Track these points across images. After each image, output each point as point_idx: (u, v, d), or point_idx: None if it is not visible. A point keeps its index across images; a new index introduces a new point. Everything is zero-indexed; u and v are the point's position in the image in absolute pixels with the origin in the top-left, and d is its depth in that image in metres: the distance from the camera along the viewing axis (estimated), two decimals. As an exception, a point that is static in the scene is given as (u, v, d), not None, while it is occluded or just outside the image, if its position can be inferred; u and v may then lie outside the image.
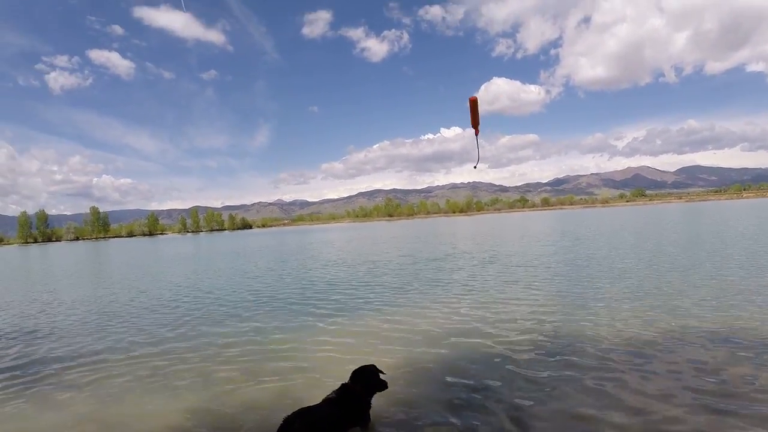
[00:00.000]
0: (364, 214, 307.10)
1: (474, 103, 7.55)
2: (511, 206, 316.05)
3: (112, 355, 11.16)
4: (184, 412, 7.52)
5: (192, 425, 7.04)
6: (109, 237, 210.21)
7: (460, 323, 11.89)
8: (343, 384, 6.44)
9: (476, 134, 8.03)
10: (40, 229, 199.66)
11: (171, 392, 8.47)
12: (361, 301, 16.10)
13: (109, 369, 10.10)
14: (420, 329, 11.51)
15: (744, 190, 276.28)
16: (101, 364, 10.46)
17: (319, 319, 13.52)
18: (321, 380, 8.20)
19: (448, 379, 8.12)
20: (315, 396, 6.97)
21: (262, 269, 30.14)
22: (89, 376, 9.69)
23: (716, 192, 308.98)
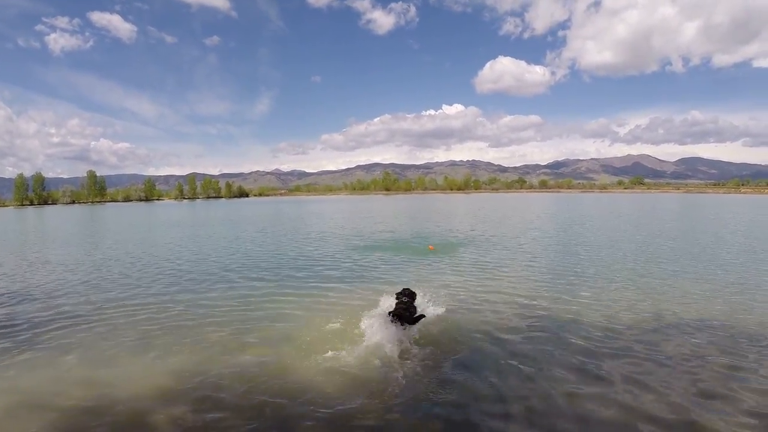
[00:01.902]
0: (362, 188, 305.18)
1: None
2: (509, 186, 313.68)
3: (100, 318, 11.42)
4: (170, 374, 7.77)
5: (179, 388, 7.26)
6: (106, 201, 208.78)
7: (435, 299, 11.90)
8: (401, 300, 9.54)
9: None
10: (36, 192, 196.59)
11: (158, 355, 8.73)
12: (340, 274, 16.55)
13: (97, 331, 10.36)
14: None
15: (743, 185, 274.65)
16: (89, 326, 10.72)
17: (303, 289, 13.98)
18: (305, 349, 8.56)
19: (430, 351, 8.56)
20: (300, 365, 7.85)
21: (254, 238, 30.58)
22: (77, 338, 9.94)
23: (715, 185, 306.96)
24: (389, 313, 9.00)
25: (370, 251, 22.15)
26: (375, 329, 8.93)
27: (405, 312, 9.02)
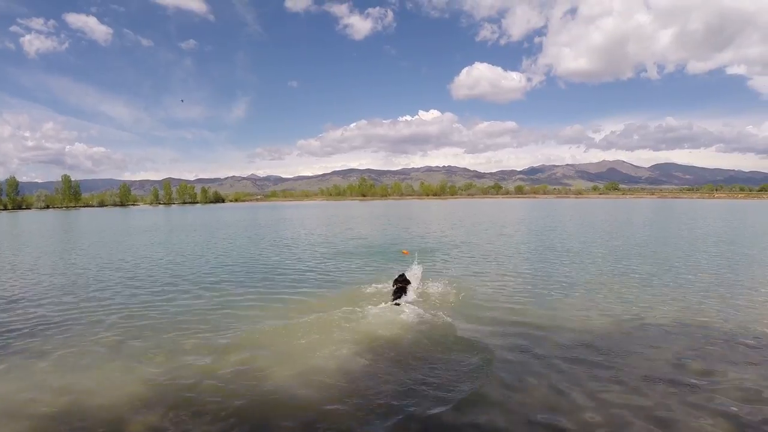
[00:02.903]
0: (338, 193, 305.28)
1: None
2: (485, 192, 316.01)
3: (74, 326, 11.23)
4: (146, 381, 7.68)
5: (154, 394, 7.17)
6: (80, 206, 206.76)
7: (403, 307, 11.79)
8: (401, 283, 12.69)
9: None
10: (10, 196, 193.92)
11: (133, 362, 8.65)
12: (315, 279, 16.55)
13: (71, 338, 10.25)
14: (363, 313, 11.35)
15: (716, 190, 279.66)
16: (63, 333, 10.61)
17: (278, 295, 14.09)
18: (280, 354, 8.61)
19: (401, 352, 8.64)
20: (276, 370, 7.89)
21: (229, 244, 30.32)
22: (51, 344, 9.79)
23: (689, 190, 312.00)
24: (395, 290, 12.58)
25: (345, 256, 22.32)
26: (352, 332, 9.46)
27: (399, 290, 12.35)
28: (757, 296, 13.11)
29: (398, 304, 11.53)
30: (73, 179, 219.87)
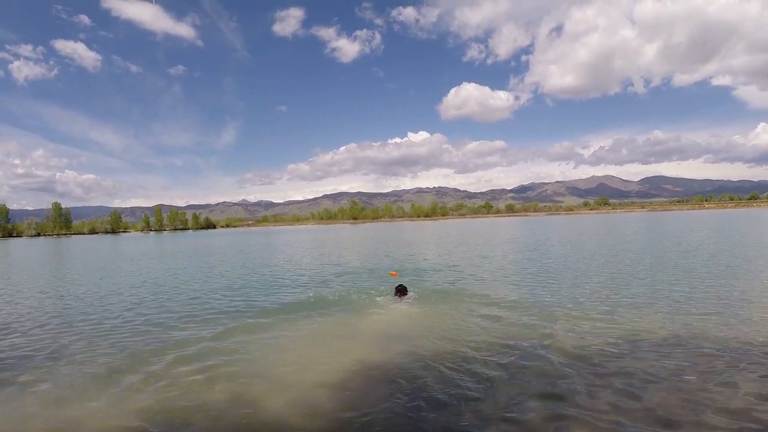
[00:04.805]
0: (329, 217, 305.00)
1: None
2: (476, 212, 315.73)
3: (59, 355, 10.94)
4: (132, 413, 7.42)
5: (145, 426, 6.93)
6: (71, 234, 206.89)
7: (397, 328, 12.02)
8: (399, 290, 14.94)
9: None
10: (0, 224, 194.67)
11: (119, 393, 8.32)
12: (305, 304, 15.91)
13: (55, 369, 9.87)
14: (353, 339, 11.38)
15: (706, 201, 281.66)
16: (47, 364, 10.24)
17: (269, 322, 13.47)
18: (273, 384, 8.40)
19: (395, 378, 8.34)
20: (269, 400, 7.68)
21: (221, 271, 29.78)
22: (35, 376, 9.47)
23: (679, 202, 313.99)
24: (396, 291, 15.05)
25: (334, 279, 22.12)
26: (343, 352, 9.66)
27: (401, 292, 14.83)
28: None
29: (401, 293, 14.92)
30: (63, 206, 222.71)
